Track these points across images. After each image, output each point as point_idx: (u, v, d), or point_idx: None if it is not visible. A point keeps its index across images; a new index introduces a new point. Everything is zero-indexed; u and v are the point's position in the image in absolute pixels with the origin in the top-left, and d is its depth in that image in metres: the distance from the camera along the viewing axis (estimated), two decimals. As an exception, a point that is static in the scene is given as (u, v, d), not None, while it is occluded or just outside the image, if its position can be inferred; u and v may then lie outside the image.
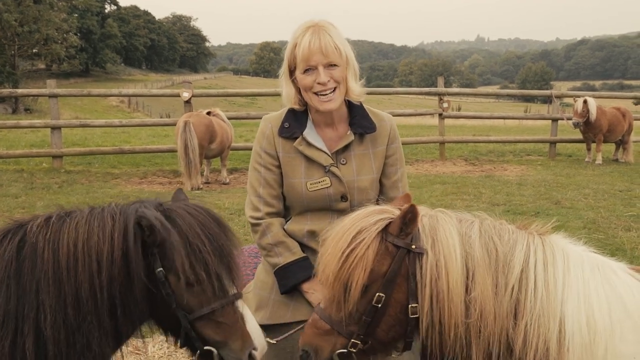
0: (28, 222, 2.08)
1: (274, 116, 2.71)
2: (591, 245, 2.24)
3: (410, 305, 1.97)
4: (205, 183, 11.23)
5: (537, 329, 1.89)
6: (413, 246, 1.97)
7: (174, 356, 4.15)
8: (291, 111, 2.67)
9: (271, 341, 2.40)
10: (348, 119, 2.67)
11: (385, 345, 2.07)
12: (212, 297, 2.07)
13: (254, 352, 2.11)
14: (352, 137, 2.62)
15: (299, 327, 2.39)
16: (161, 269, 2.02)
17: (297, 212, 2.67)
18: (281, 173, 2.65)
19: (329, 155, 2.60)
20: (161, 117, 29.88)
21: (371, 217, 2.04)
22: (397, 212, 2.04)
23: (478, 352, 1.94)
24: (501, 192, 10.04)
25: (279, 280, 2.59)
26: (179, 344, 2.18)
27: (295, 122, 2.63)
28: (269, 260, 2.64)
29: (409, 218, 1.97)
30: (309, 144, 2.60)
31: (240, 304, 2.15)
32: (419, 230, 2.00)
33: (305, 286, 2.54)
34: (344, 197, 2.58)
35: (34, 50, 49.07)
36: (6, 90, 18.77)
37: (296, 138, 2.61)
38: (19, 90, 18.52)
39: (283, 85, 2.62)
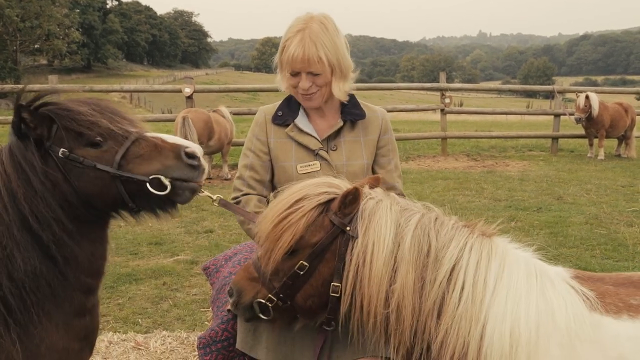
0: None
1: (269, 107, 2.84)
2: (593, 241, 2.21)
3: (332, 284, 2.01)
4: (207, 179, 11.23)
5: (457, 330, 1.85)
6: (348, 228, 2.00)
7: (177, 351, 4.16)
8: (285, 100, 2.80)
9: (209, 195, 2.51)
10: (340, 108, 2.77)
11: (305, 312, 2.13)
12: (119, 141, 2.14)
13: (188, 150, 2.17)
14: (341, 123, 2.71)
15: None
16: (62, 150, 2.09)
17: None
18: (269, 160, 2.74)
19: (318, 141, 2.69)
20: (163, 113, 29.86)
21: (319, 188, 2.08)
22: (345, 189, 2.06)
23: (396, 344, 1.94)
24: (503, 188, 10.03)
25: None
26: (135, 209, 2.22)
27: (288, 110, 2.76)
28: (249, 231, 2.69)
29: (349, 200, 2.00)
30: (300, 130, 2.70)
31: (149, 133, 2.22)
32: (361, 213, 2.02)
33: None
34: None
35: (36, 46, 49.17)
36: (8, 86, 18.77)
37: (288, 125, 2.72)
38: (21, 86, 18.51)
39: (278, 72, 2.75)
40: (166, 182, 2.12)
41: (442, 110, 14.54)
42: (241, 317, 2.23)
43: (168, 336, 4.39)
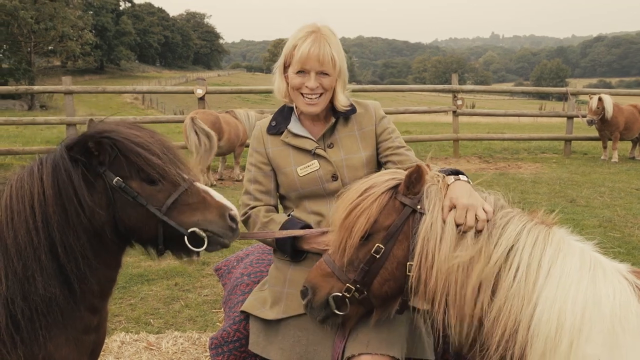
0: None
1: (264, 120, 2.86)
2: (607, 244, 2.22)
3: (408, 263, 2.08)
4: (219, 179, 11.28)
5: (510, 308, 1.93)
6: (419, 207, 2.10)
7: (188, 352, 4.17)
8: (279, 111, 2.84)
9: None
10: (330, 112, 2.77)
11: (381, 300, 2.19)
12: (175, 185, 2.17)
13: (232, 213, 2.25)
14: (333, 120, 2.73)
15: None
16: (118, 178, 2.10)
17: (297, 204, 2.74)
18: (272, 170, 2.76)
19: (314, 141, 2.71)
20: (175, 114, 30.06)
21: (385, 176, 2.21)
22: None
23: (452, 318, 2.02)
24: (515, 190, 9.97)
25: (281, 246, 2.66)
26: (162, 250, 2.25)
27: (281, 118, 2.79)
28: (267, 242, 2.74)
29: (415, 178, 2.10)
30: (295, 135, 2.72)
31: (199, 184, 2.26)
32: (426, 193, 2.12)
33: (307, 236, 2.61)
34: (334, 177, 2.66)
35: (50, 47, 49.54)
36: (22, 87, 18.98)
37: (282, 132, 2.75)
38: (35, 87, 18.64)
39: (276, 78, 2.76)
40: (202, 234, 2.18)
41: (454, 112, 14.49)
42: (315, 318, 2.27)
43: (180, 337, 4.41)
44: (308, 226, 2.65)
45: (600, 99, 13.33)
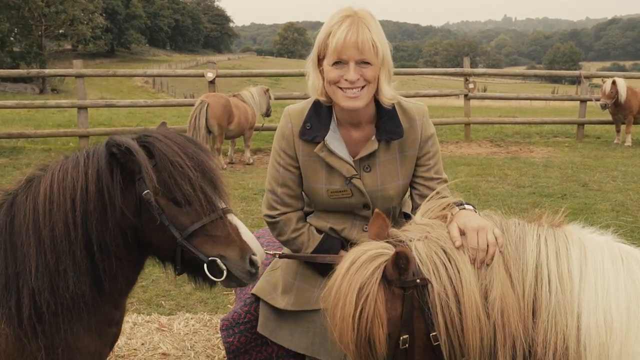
0: (15, 188, 2.16)
1: (295, 111, 2.54)
2: (620, 229, 2.15)
3: (431, 334, 1.92)
4: (229, 163, 11.29)
5: (555, 326, 1.81)
6: (417, 280, 1.91)
7: (200, 333, 4.21)
8: (314, 107, 2.50)
9: (270, 253, 2.53)
10: (374, 118, 2.48)
11: None
12: (201, 212, 2.11)
13: (253, 257, 2.17)
14: (375, 146, 2.45)
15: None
16: (148, 191, 2.05)
17: (319, 209, 2.64)
18: (300, 174, 2.56)
19: (351, 166, 2.47)
20: (185, 98, 30.04)
21: (367, 267, 1.95)
22: (389, 252, 1.95)
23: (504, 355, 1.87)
24: (527, 174, 9.92)
25: (319, 264, 2.54)
26: (179, 270, 2.22)
27: (317, 122, 2.47)
28: (293, 250, 2.62)
29: (403, 264, 1.89)
30: (331, 152, 2.45)
31: (231, 216, 2.19)
32: (418, 257, 1.95)
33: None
34: (366, 206, 2.51)
35: (61, 31, 49.52)
36: (34, 71, 19.07)
37: (317, 142, 2.46)
38: (47, 71, 18.70)
39: (310, 73, 2.42)
40: (223, 267, 2.12)
41: (465, 95, 14.37)
42: None
43: (191, 318, 4.45)
44: (345, 241, 2.51)
45: (613, 83, 13.16)
